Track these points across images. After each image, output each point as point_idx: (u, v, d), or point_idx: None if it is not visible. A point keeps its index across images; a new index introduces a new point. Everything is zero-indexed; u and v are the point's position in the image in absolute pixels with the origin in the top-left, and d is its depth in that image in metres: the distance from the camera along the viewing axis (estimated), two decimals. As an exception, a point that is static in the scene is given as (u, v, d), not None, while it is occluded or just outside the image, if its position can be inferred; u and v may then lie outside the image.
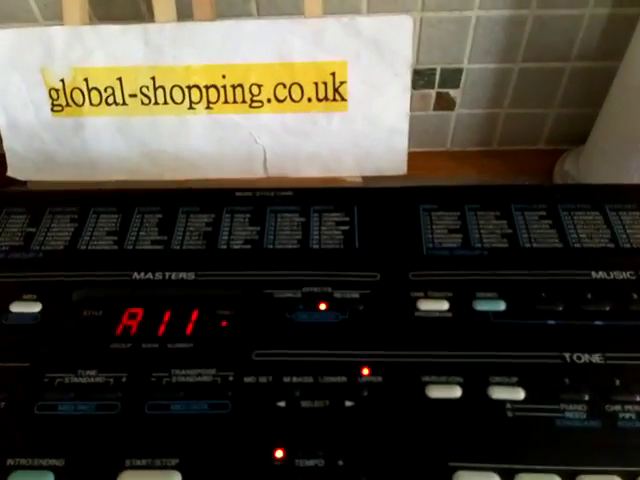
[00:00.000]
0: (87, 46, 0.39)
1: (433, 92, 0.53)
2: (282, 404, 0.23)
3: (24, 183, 0.43)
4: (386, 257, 0.28)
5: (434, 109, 0.54)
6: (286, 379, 0.24)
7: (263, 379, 0.24)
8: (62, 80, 0.40)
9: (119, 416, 0.23)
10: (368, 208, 0.30)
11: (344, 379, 0.23)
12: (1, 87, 0.41)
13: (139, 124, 0.41)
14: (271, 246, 0.29)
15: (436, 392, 0.23)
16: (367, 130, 0.41)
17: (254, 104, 0.41)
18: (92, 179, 0.42)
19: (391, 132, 0.41)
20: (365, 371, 0.24)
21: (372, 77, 0.40)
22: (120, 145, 0.41)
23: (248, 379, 0.24)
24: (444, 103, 0.55)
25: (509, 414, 0.22)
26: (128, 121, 0.41)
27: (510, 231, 0.29)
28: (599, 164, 0.47)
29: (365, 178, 0.43)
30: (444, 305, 0.26)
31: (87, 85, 0.40)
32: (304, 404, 0.23)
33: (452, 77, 0.52)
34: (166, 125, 0.41)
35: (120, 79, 0.40)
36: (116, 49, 0.39)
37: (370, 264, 0.28)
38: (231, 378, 0.24)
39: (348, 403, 0.23)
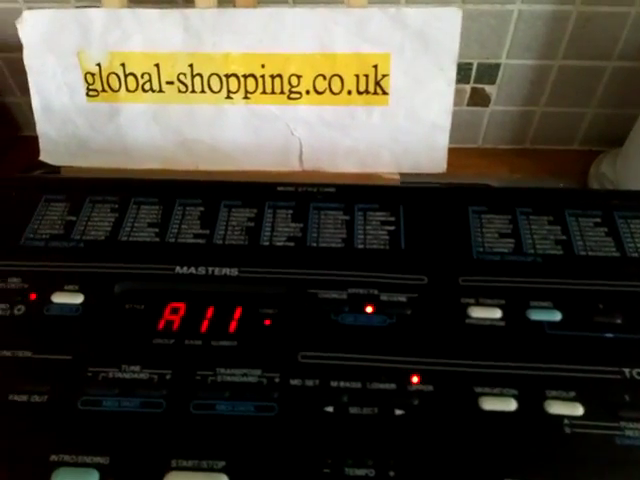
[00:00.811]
0: (125, 30, 0.39)
1: (468, 87, 0.51)
2: (330, 409, 0.22)
3: (57, 168, 0.43)
4: (434, 260, 0.27)
5: (468, 105, 0.53)
6: (333, 383, 0.23)
7: (310, 382, 0.23)
8: (98, 64, 0.39)
9: (164, 414, 0.22)
10: (414, 208, 0.29)
11: (393, 386, 0.23)
12: (36, 69, 0.40)
13: (175, 112, 0.40)
14: (314, 244, 0.28)
15: (490, 404, 0.22)
16: (407, 125, 0.40)
17: (292, 95, 0.40)
18: (126, 167, 0.41)
19: (432, 128, 0.40)
20: (415, 379, 0.23)
21: (416, 71, 0.39)
22: (155, 133, 0.41)
23: (294, 381, 0.23)
24: (479, 99, 0.53)
25: (567, 430, 0.21)
26: (164, 109, 0.40)
27: (564, 237, 0.28)
28: (639, 167, 0.46)
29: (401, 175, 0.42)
30: (496, 313, 0.25)
31: (124, 70, 0.39)
32: (352, 410, 0.22)
33: (489, 72, 0.50)
34: (202, 114, 0.40)
35: (157, 65, 0.39)
36: (154, 34, 0.38)
37: (417, 267, 0.27)
38: (277, 380, 0.23)
39: (398, 412, 0.22)
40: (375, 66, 0.40)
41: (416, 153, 0.42)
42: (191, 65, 0.40)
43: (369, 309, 0.25)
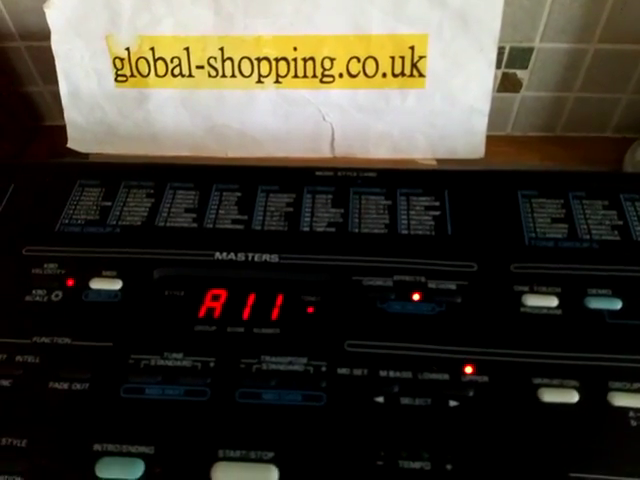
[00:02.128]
0: (155, 13, 0.38)
1: (499, 72, 0.49)
2: (380, 399, 0.21)
3: (82, 157, 0.42)
4: (483, 246, 0.26)
5: (498, 90, 0.51)
6: (383, 373, 0.22)
7: (358, 372, 0.22)
8: (127, 49, 0.39)
9: (209, 403, 0.21)
10: (460, 192, 0.28)
11: (446, 377, 0.22)
12: (64, 54, 0.40)
13: (205, 97, 0.39)
14: (356, 230, 0.27)
15: (550, 396, 0.21)
16: (444, 109, 0.39)
17: (325, 79, 0.39)
18: (154, 154, 0.41)
19: (470, 112, 0.39)
20: (469, 369, 0.22)
21: (454, 52, 0.37)
22: (184, 119, 0.40)
23: (342, 370, 0.22)
24: (509, 84, 0.51)
25: (633, 423, 0.20)
26: (193, 94, 0.39)
27: (621, 223, 0.26)
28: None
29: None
30: (553, 301, 0.24)
31: (153, 55, 0.39)
32: (404, 401, 0.21)
33: (521, 56, 0.49)
34: (232, 99, 0.39)
35: (187, 49, 0.38)
36: (185, 17, 0.37)
37: (466, 253, 0.26)
38: (324, 369, 0.22)
39: (452, 403, 0.21)
40: (412, 47, 0.38)
41: (453, 138, 0.41)
42: (222, 49, 0.39)
43: (416, 297, 0.24)
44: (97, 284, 0.25)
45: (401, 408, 0.21)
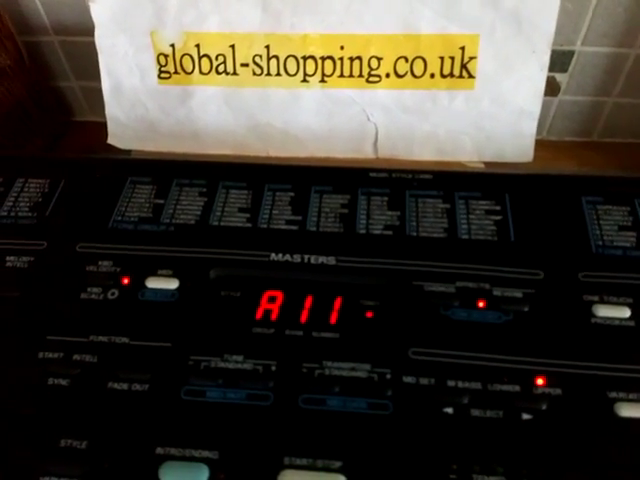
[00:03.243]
0: (201, 10, 0.37)
1: (538, 76, 0.49)
2: (449, 410, 0.21)
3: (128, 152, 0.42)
4: (549, 253, 0.25)
5: (536, 94, 0.50)
6: (450, 383, 0.21)
7: (424, 381, 0.22)
8: (172, 45, 0.38)
9: (272, 408, 0.21)
10: (521, 197, 0.27)
11: (517, 388, 0.21)
12: (107, 49, 0.40)
13: (248, 96, 0.39)
14: (414, 233, 0.27)
15: (628, 411, 0.20)
16: (493, 111, 0.38)
17: (371, 79, 0.38)
18: (195, 152, 0.41)
19: (520, 115, 0.38)
20: (540, 381, 0.21)
21: (506, 53, 0.37)
22: (227, 117, 0.40)
23: (407, 379, 0.22)
24: (548, 88, 0.50)
25: None
26: (237, 92, 0.39)
27: (693, 232, 0.26)
28: None
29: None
30: (625, 312, 0.23)
31: (198, 52, 0.38)
32: (474, 413, 0.21)
33: (561, 60, 0.48)
34: (276, 98, 0.39)
35: (233, 46, 0.38)
36: (231, 14, 0.37)
37: (531, 260, 0.25)
38: (388, 376, 0.22)
39: (525, 416, 0.21)
40: (462, 48, 0.38)
41: (501, 141, 0.40)
42: (267, 46, 0.39)
43: (481, 304, 0.24)
44: (153, 283, 0.25)
45: (471, 420, 0.20)
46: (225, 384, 0.22)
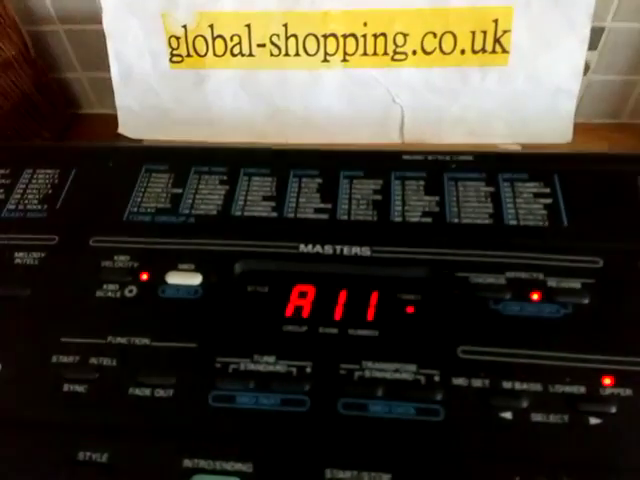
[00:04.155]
0: (215, -13, 0.36)
1: (565, 54, 0.46)
2: (507, 415, 0.19)
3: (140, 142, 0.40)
4: (606, 239, 0.23)
5: (563, 74, 0.48)
6: (506, 384, 0.19)
7: (477, 382, 0.19)
8: (184, 26, 0.36)
9: (309, 414, 0.19)
10: (572, 178, 0.25)
11: (582, 390, 0.19)
12: (116, 34, 0.37)
13: (266, 79, 0.37)
14: (456, 220, 0.24)
15: None
16: (528, 89, 0.36)
17: (396, 57, 0.36)
18: (210, 140, 0.39)
19: (557, 93, 0.35)
20: (607, 381, 0.19)
21: (543, 27, 0.34)
22: (243, 103, 0.37)
23: (458, 381, 0.19)
24: (576, 66, 0.48)
25: None
26: (254, 75, 0.37)
27: None
28: None
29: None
30: None
31: (212, 32, 0.36)
32: (535, 418, 0.18)
33: (591, 37, 0.45)
34: (295, 81, 0.37)
35: (249, 26, 0.36)
36: (247, -9, 0.35)
37: (587, 247, 0.23)
38: (437, 378, 0.20)
39: (593, 420, 0.19)
40: (495, 21, 0.35)
41: (537, 121, 0.37)
42: (285, 25, 0.36)
43: (535, 297, 0.22)
44: (174, 278, 0.23)
45: (532, 426, 0.18)
46: (257, 388, 0.20)
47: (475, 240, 0.23)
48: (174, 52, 0.37)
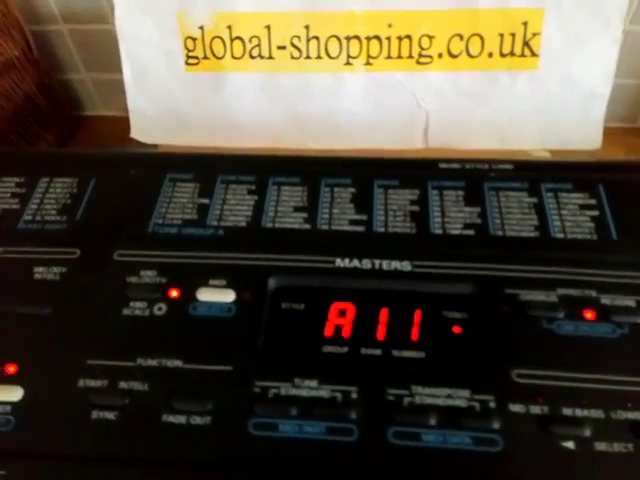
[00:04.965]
0: (234, -13, 0.34)
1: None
2: (569, 445, 0.18)
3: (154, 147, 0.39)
4: (660, 254, 0.22)
5: (580, 77, 0.47)
6: (567, 411, 0.18)
7: (536, 409, 0.18)
8: (201, 27, 0.35)
9: (358, 444, 0.18)
10: (618, 188, 0.24)
11: (648, 416, 0.18)
12: (129, 35, 0.36)
13: (286, 82, 0.35)
14: (500, 232, 0.23)
15: None
16: (559, 93, 0.35)
17: (422, 59, 0.35)
18: (228, 145, 0.37)
19: (589, 97, 0.34)
20: (674, 407, 0.18)
21: (574, 28, 0.33)
22: (263, 107, 0.36)
23: (515, 407, 0.18)
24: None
25: None
26: (274, 78, 0.36)
27: None
28: None
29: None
30: None
31: (230, 34, 0.35)
32: (599, 447, 0.17)
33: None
34: (317, 84, 0.35)
35: (268, 27, 0.34)
36: (268, -9, 0.34)
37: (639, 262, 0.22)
38: (492, 404, 0.18)
39: (663, 450, 0.18)
40: (524, 23, 0.34)
41: (567, 126, 0.36)
42: (307, 26, 0.35)
43: (589, 315, 0.21)
44: (206, 295, 0.21)
45: (597, 456, 0.17)
46: (300, 415, 0.18)
47: (522, 254, 0.22)
48: (190, 54, 0.36)
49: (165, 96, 0.38)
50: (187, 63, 0.37)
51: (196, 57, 0.36)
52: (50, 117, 0.50)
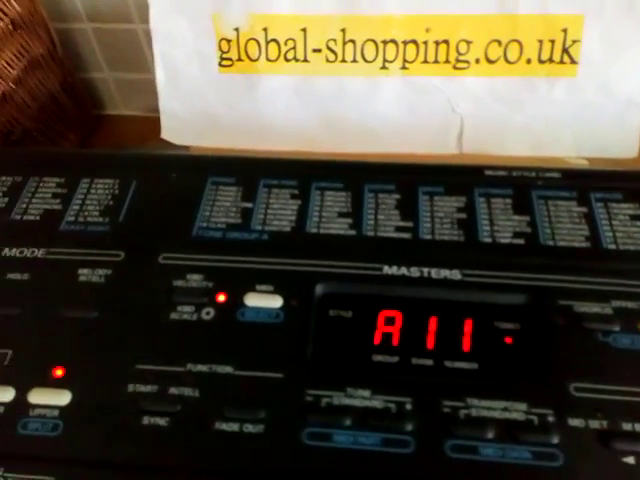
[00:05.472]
0: (271, -11, 0.34)
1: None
2: (630, 460, 0.17)
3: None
4: None
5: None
6: (626, 426, 0.18)
7: (595, 424, 0.18)
8: (236, 29, 0.35)
9: (415, 456, 0.17)
10: (671, 199, 0.24)
11: None
12: (163, 35, 0.36)
13: (320, 85, 0.35)
14: (551, 242, 0.23)
15: None
16: (597, 101, 0.34)
17: (459, 65, 0.34)
18: (259, 148, 0.37)
19: (627, 105, 0.34)
20: None
21: (615, 36, 0.32)
22: (296, 110, 0.36)
23: (574, 422, 0.18)
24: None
25: None
26: (308, 81, 0.35)
27: None
28: None
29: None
30: None
31: (266, 36, 0.35)
32: (666, 465, 0.17)
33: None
34: (351, 88, 0.35)
35: (304, 30, 0.34)
36: (305, -7, 0.34)
37: (696, 275, 0.22)
38: (551, 418, 0.18)
39: None
40: (564, 30, 0.34)
41: (603, 134, 0.36)
42: (343, 30, 0.35)
43: (645, 328, 0.21)
44: (253, 300, 0.21)
45: (660, 473, 0.17)
46: (354, 426, 0.18)
47: (574, 265, 0.22)
48: (224, 55, 0.36)
49: (197, 97, 0.38)
50: (221, 65, 0.36)
51: (230, 59, 0.36)
52: (73, 116, 0.50)
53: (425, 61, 0.35)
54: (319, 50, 0.36)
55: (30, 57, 0.45)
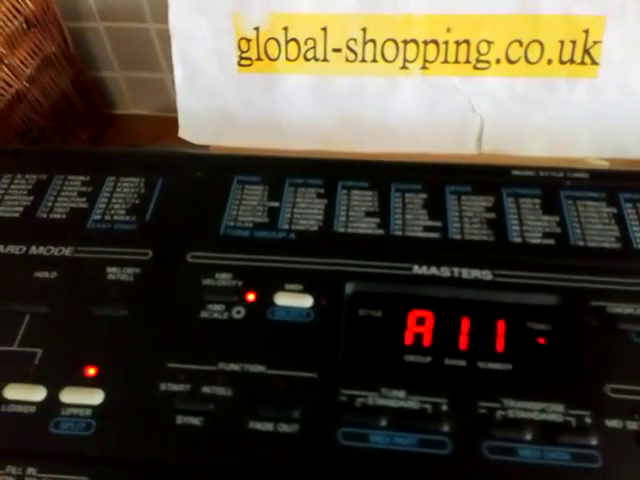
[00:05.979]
0: (292, -12, 0.34)
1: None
2: (670, 462, 0.18)
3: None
4: None
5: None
6: (666, 428, 0.18)
7: (632, 425, 0.18)
8: (256, 28, 0.35)
9: (452, 457, 0.17)
10: (701, 200, 0.24)
11: None
12: (182, 34, 0.36)
13: (340, 85, 0.35)
14: (581, 243, 0.23)
15: None
16: (617, 102, 0.34)
17: (479, 65, 0.34)
18: (277, 147, 0.37)
19: (647, 106, 0.34)
20: None
21: (636, 38, 0.32)
22: (315, 109, 0.36)
23: (611, 423, 0.18)
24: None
25: None
26: (327, 81, 0.35)
27: None
28: None
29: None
30: None
31: (286, 35, 0.35)
32: (701, 465, 0.17)
33: None
34: (371, 88, 0.35)
35: (325, 29, 0.34)
36: (326, -7, 0.34)
37: None
38: (588, 420, 0.18)
39: None
40: (586, 31, 0.33)
41: (622, 134, 0.35)
42: (364, 29, 0.35)
43: (678, 329, 0.20)
44: (283, 299, 0.21)
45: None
46: (390, 426, 0.18)
47: (605, 266, 0.22)
48: (243, 55, 0.36)
49: (215, 97, 0.38)
50: (240, 64, 0.36)
51: (249, 58, 0.36)
52: (84, 115, 0.50)
53: (445, 61, 0.35)
54: (339, 50, 0.35)
55: (43, 55, 0.45)
